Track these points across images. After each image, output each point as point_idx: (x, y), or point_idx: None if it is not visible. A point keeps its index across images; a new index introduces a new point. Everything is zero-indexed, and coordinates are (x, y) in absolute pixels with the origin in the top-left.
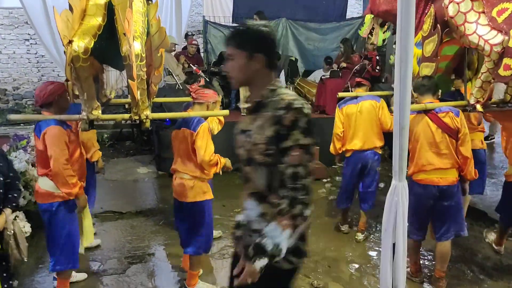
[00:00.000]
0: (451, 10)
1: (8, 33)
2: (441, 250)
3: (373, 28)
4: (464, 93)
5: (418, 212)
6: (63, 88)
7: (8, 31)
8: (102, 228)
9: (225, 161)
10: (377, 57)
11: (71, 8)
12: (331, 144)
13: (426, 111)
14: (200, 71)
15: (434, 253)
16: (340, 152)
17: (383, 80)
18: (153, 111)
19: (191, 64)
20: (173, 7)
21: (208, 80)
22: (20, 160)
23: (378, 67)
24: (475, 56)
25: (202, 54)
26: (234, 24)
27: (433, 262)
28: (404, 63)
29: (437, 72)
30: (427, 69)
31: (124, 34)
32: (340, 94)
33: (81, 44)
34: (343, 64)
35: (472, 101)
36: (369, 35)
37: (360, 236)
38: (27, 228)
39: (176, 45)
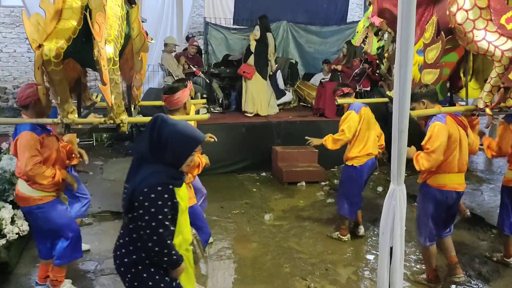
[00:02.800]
0: (459, 17)
1: (9, 32)
2: (448, 242)
3: (366, 37)
4: (466, 98)
5: (438, 217)
6: (44, 95)
7: (9, 29)
8: (99, 227)
9: (205, 160)
10: (377, 61)
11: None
12: (332, 141)
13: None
14: (200, 72)
15: (442, 249)
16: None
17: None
18: (152, 112)
19: (191, 65)
20: (174, 8)
21: (208, 81)
22: None
23: (378, 71)
24: (470, 63)
25: (202, 55)
26: (235, 26)
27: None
28: (403, 68)
29: (442, 78)
30: (430, 76)
31: (94, 38)
32: (340, 101)
33: (52, 47)
34: (338, 67)
35: (481, 105)
36: (363, 44)
37: (362, 229)
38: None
39: (177, 46)
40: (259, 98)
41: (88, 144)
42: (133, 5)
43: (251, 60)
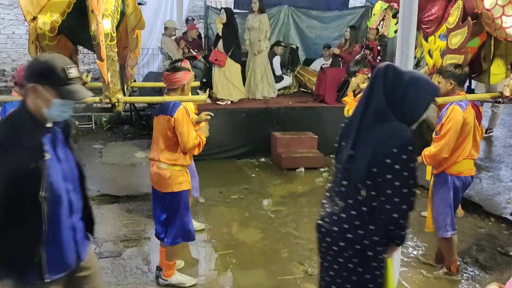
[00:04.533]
0: (487, 3)
1: (7, 13)
2: (456, 239)
3: (383, 19)
4: (488, 84)
5: (455, 204)
6: None
7: (8, 11)
8: (98, 211)
9: (203, 136)
10: (378, 47)
11: None
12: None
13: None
14: (200, 56)
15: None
16: None
17: None
18: (151, 94)
19: (191, 49)
20: None
21: (208, 65)
22: None
23: (379, 57)
24: (492, 48)
25: (202, 40)
26: (236, 10)
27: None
28: (405, 55)
29: (466, 64)
30: (453, 61)
31: (92, 11)
32: (362, 86)
33: (47, 20)
34: (336, 51)
35: (507, 93)
36: (379, 27)
37: None
38: None
39: (177, 30)
40: (231, 83)
41: (87, 128)
42: None
43: (220, 45)
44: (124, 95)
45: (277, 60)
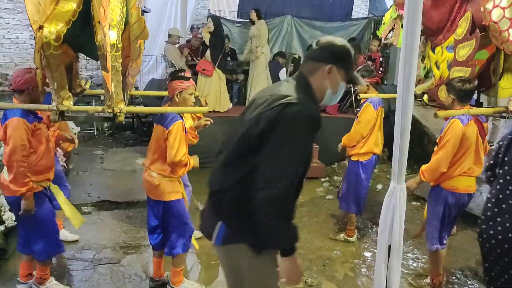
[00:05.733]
0: (495, 15)
1: (11, 18)
2: (443, 254)
3: (392, 29)
4: (495, 98)
5: (449, 219)
6: (41, 80)
7: (12, 15)
8: (98, 217)
9: (193, 162)
10: (381, 59)
11: None
12: (349, 138)
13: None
14: None
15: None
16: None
17: (385, 82)
18: (154, 103)
19: (194, 57)
20: None
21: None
22: None
23: (381, 69)
24: (501, 61)
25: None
26: (239, 19)
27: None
28: (408, 66)
29: (474, 77)
30: (460, 74)
31: (99, 22)
32: (362, 95)
33: (52, 30)
34: None
35: None
36: (388, 36)
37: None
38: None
39: (180, 38)
40: (218, 93)
41: (89, 133)
42: None
43: (208, 54)
44: (125, 103)
45: (283, 72)
